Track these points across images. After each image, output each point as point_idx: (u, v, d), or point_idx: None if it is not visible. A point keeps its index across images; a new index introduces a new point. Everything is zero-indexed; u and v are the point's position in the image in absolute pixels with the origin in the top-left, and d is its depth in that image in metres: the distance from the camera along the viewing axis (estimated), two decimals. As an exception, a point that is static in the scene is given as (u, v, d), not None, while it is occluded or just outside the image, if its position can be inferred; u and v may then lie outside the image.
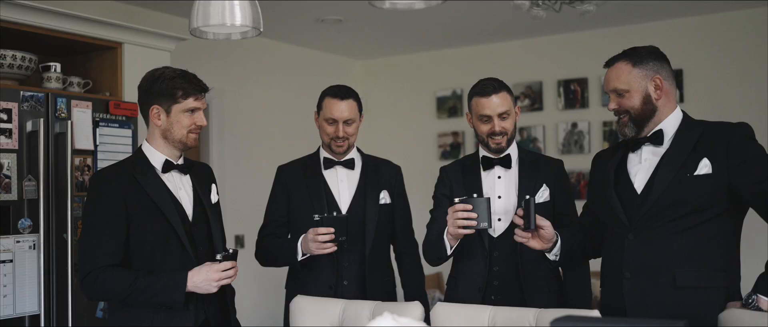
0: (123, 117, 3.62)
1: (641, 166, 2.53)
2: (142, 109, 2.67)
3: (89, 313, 3.42)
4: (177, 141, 2.65)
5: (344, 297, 3.03)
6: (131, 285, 2.48)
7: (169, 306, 2.53)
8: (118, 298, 2.50)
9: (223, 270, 2.56)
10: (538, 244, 2.67)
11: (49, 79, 3.56)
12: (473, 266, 2.91)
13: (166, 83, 2.60)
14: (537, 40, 6.24)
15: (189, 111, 2.63)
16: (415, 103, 6.79)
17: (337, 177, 3.20)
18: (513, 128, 2.91)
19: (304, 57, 6.39)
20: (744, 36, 5.43)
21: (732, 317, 2.27)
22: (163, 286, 2.50)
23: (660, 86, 2.49)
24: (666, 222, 2.43)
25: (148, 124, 2.67)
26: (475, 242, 2.89)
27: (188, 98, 2.62)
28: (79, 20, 3.58)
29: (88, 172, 3.46)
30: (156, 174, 2.63)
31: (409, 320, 1.51)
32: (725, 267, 2.43)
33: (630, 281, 2.47)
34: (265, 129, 5.91)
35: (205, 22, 2.52)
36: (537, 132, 6.22)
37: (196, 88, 2.64)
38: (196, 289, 2.54)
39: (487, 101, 2.86)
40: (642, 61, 2.50)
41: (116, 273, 2.50)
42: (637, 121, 2.51)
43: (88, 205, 2.58)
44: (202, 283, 2.53)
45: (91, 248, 2.52)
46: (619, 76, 2.52)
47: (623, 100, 2.52)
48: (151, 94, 2.62)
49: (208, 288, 2.54)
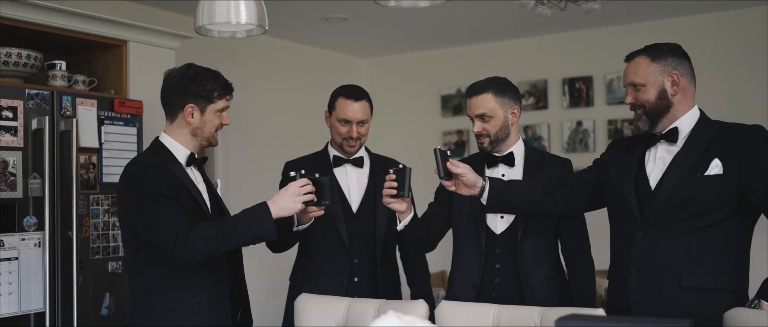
0: (128, 115, 3.62)
1: (656, 164, 2.53)
2: (173, 104, 2.67)
3: (94, 311, 3.43)
4: (205, 139, 2.70)
5: (356, 294, 3.05)
6: (220, 229, 2.47)
7: (263, 238, 2.52)
8: (214, 246, 2.46)
9: (300, 186, 2.57)
10: (400, 205, 2.76)
11: (54, 77, 3.56)
12: (468, 263, 2.92)
13: (204, 84, 2.64)
14: (542, 38, 6.23)
15: (219, 111, 2.69)
16: (420, 102, 6.78)
17: (347, 175, 3.21)
18: (497, 130, 2.88)
19: (309, 55, 6.39)
20: (749, 34, 5.42)
21: (737, 316, 2.27)
22: (251, 220, 2.50)
23: (677, 82, 2.49)
24: (675, 222, 2.42)
25: (173, 119, 2.67)
26: (472, 239, 2.90)
27: (222, 99, 2.69)
28: (85, 18, 3.59)
29: (93, 169, 3.46)
30: (181, 166, 2.65)
31: (413, 319, 1.51)
32: (733, 270, 2.42)
33: (636, 279, 2.47)
34: (270, 127, 5.91)
35: (211, 20, 2.52)
36: (542, 130, 6.21)
37: (227, 89, 2.71)
38: (282, 212, 2.54)
39: (469, 102, 2.91)
40: (661, 56, 2.51)
41: (201, 226, 2.48)
42: (651, 116, 2.51)
43: (140, 187, 2.52)
44: (286, 202, 2.54)
45: (167, 217, 2.48)
46: (638, 70, 2.52)
47: (639, 94, 2.52)
48: (188, 92, 2.64)
49: (294, 206, 2.55)
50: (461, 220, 2.96)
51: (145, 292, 2.58)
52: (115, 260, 3.53)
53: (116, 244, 3.54)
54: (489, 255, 2.88)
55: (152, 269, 2.56)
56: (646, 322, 1.46)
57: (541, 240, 2.88)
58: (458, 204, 2.96)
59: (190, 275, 2.56)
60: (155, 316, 2.55)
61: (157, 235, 2.48)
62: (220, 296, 2.63)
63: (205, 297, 2.58)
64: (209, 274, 2.59)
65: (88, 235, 3.44)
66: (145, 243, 2.56)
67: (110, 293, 3.50)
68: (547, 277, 2.87)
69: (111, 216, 3.53)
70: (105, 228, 3.51)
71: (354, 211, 3.17)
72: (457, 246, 2.98)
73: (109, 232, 3.53)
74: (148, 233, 2.51)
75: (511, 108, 2.91)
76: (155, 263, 2.56)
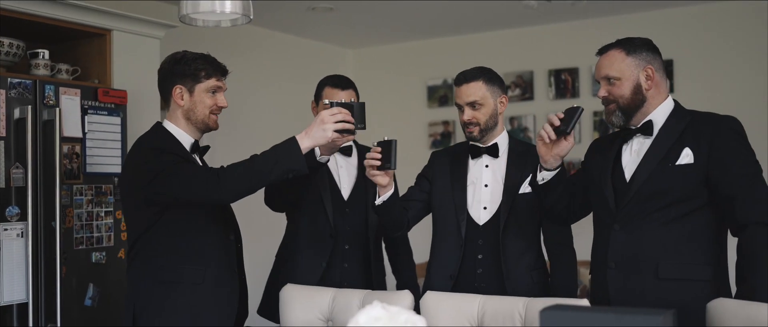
0: (112, 104, 3.60)
1: (631, 157, 2.53)
2: (164, 90, 2.69)
3: (78, 302, 3.41)
4: (200, 122, 2.68)
5: (348, 281, 3.11)
6: (250, 166, 2.47)
7: (294, 171, 2.47)
8: (247, 182, 2.45)
9: (332, 114, 2.51)
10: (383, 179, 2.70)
11: (37, 66, 3.53)
12: (446, 253, 2.92)
13: (189, 64, 2.63)
14: (528, 29, 6.23)
15: (211, 91, 2.66)
16: (406, 92, 6.78)
17: (337, 163, 3.22)
18: (487, 118, 2.88)
19: (295, 45, 6.37)
20: (735, 26, 5.44)
21: (720, 306, 2.28)
22: (279, 154, 2.48)
23: (651, 77, 2.49)
24: (649, 213, 2.44)
25: (169, 106, 2.69)
26: (452, 229, 2.91)
27: (211, 78, 2.66)
28: (68, 7, 3.56)
29: (77, 159, 3.44)
30: (188, 152, 2.66)
31: (399, 309, 1.50)
32: (710, 261, 2.43)
33: (614, 271, 2.48)
34: (255, 117, 5.89)
35: (195, 9, 2.52)
36: (527, 121, 6.22)
37: (217, 68, 2.68)
38: (316, 141, 2.50)
39: (459, 90, 2.90)
40: (636, 50, 2.50)
41: (230, 166, 2.48)
42: (625, 110, 2.51)
43: (159, 154, 2.53)
44: (317, 132, 2.50)
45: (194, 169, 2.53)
46: (613, 63, 2.51)
47: (613, 88, 2.51)
48: (173, 74, 2.65)
49: (326, 135, 2.50)
50: (442, 210, 2.96)
51: (151, 268, 2.58)
52: (98, 251, 3.51)
53: (100, 235, 3.52)
54: (471, 245, 2.89)
55: (160, 246, 2.57)
56: (629, 313, 1.47)
57: (524, 232, 2.89)
58: (440, 193, 2.96)
59: (198, 248, 2.58)
60: (158, 287, 2.55)
61: (187, 187, 2.47)
62: (228, 272, 2.64)
63: (211, 270, 2.58)
64: (217, 248, 2.62)
65: (72, 226, 3.42)
66: (156, 215, 2.54)
67: (94, 284, 3.48)
68: (528, 269, 2.88)
69: (95, 206, 3.51)
70: (89, 218, 3.49)
71: (345, 198, 3.18)
72: (436, 236, 2.99)
73: (93, 223, 3.51)
74: (175, 192, 2.47)
75: (500, 97, 2.92)
76: (164, 236, 2.57)
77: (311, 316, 2.68)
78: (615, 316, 1.47)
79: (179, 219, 2.58)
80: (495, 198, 2.89)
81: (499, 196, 2.89)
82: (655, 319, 1.42)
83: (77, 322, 3.40)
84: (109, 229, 3.56)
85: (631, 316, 1.45)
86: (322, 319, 2.68)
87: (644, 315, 1.44)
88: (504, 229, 2.85)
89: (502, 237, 2.85)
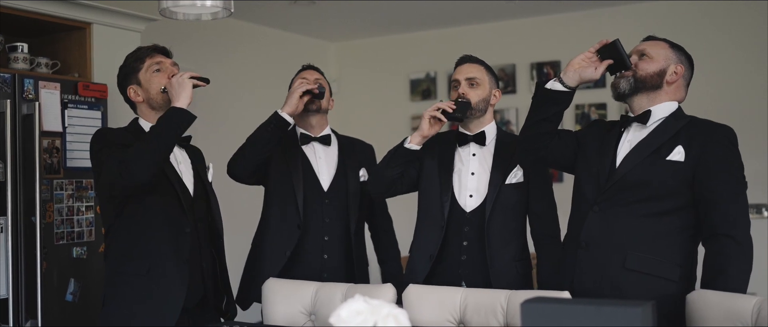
0: (92, 98, 3.57)
1: (625, 145, 2.58)
2: (125, 99, 2.80)
3: (59, 297, 3.39)
4: (160, 102, 2.74)
5: (329, 272, 3.10)
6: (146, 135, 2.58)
7: (185, 119, 2.59)
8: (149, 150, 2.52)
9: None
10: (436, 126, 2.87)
11: (15, 60, 3.49)
12: (426, 232, 2.95)
13: (127, 64, 2.77)
14: (510, 22, 6.24)
15: (155, 70, 2.72)
16: (389, 86, 6.77)
17: (316, 153, 3.21)
18: (479, 100, 2.92)
19: (276, 39, 6.34)
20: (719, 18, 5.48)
21: (700, 297, 2.30)
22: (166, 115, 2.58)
23: (678, 74, 2.55)
24: (630, 202, 2.47)
25: (134, 107, 2.80)
26: (435, 211, 2.93)
27: (144, 61, 2.73)
28: (48, 0, 3.52)
29: (57, 154, 3.41)
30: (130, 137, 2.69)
31: (381, 303, 1.51)
32: (680, 263, 2.46)
33: (584, 251, 2.52)
34: (236, 111, 5.86)
35: (175, 2, 2.50)
36: (510, 115, 6.24)
37: (148, 50, 2.76)
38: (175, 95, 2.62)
39: (460, 68, 2.97)
40: (678, 49, 2.60)
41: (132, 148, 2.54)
42: (639, 82, 2.54)
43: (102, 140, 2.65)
44: (174, 85, 2.62)
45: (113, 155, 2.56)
46: (655, 46, 2.59)
47: (642, 62, 2.56)
48: (123, 81, 2.79)
49: (182, 81, 2.62)
50: (427, 191, 2.98)
51: (111, 260, 2.68)
52: (79, 245, 3.49)
53: (80, 229, 3.50)
54: (457, 231, 2.90)
55: (120, 238, 2.66)
56: (608, 305, 1.48)
57: (510, 221, 2.91)
58: (427, 175, 2.97)
59: (146, 242, 2.64)
60: (111, 280, 2.67)
61: (108, 177, 2.55)
62: (177, 263, 2.65)
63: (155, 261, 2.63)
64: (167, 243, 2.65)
65: (52, 221, 3.40)
66: (117, 208, 2.64)
67: (75, 279, 3.46)
68: (513, 260, 2.90)
69: (75, 201, 3.49)
70: (69, 213, 3.46)
71: (325, 189, 3.17)
72: (420, 217, 3.01)
73: (74, 218, 3.48)
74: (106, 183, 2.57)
75: (495, 89, 3.00)
76: (123, 230, 2.66)
77: (294, 310, 2.69)
78: (595, 308, 1.48)
79: (135, 214, 2.65)
80: (481, 186, 2.91)
81: (485, 184, 2.91)
82: (635, 311, 1.44)
83: (58, 318, 3.38)
84: (89, 223, 3.54)
85: (610, 308, 1.47)
86: (305, 313, 2.68)
87: (624, 307, 1.45)
88: (489, 217, 2.87)
89: (488, 226, 2.86)
